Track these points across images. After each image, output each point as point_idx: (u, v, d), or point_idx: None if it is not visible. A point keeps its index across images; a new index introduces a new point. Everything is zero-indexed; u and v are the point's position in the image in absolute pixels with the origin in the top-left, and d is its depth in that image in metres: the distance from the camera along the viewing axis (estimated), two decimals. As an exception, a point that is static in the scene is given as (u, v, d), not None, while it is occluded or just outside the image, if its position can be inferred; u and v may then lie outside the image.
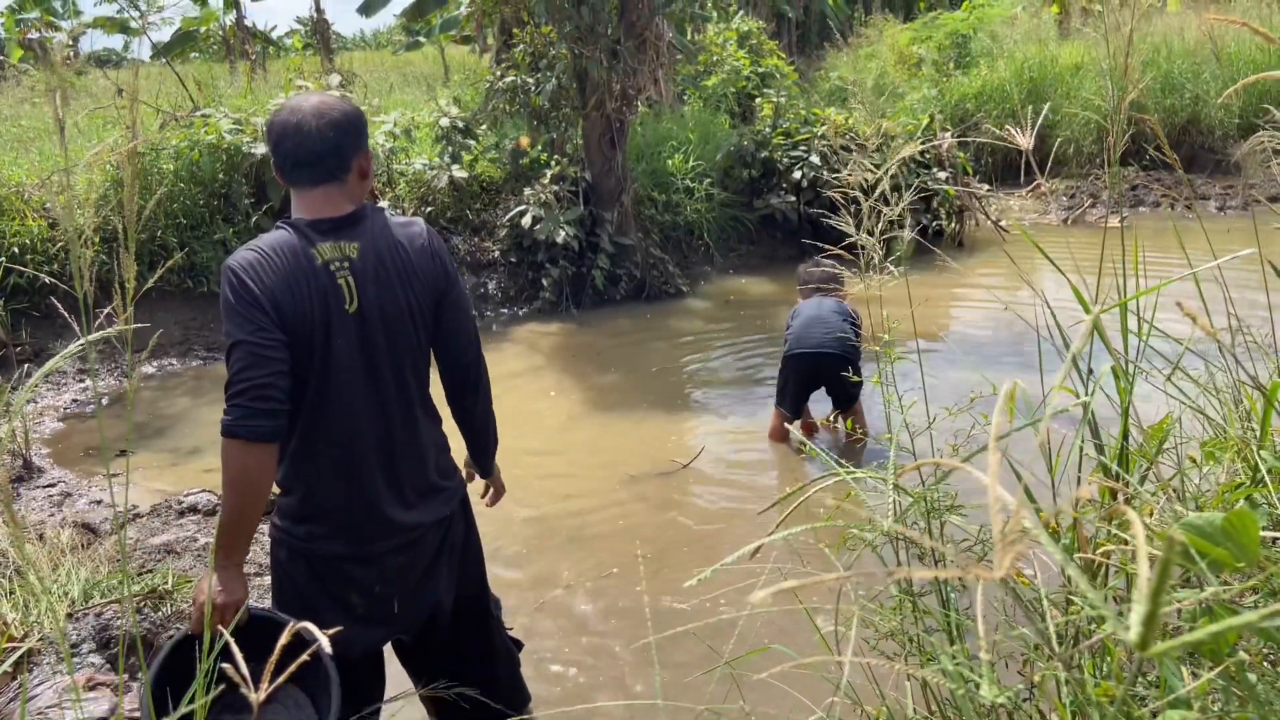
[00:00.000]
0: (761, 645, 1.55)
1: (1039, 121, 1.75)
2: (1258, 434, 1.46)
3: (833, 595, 1.60)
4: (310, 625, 0.83)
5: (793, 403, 5.07)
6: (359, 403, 2.13)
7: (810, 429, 5.31)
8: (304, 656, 0.89)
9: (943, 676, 0.86)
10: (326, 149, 2.09)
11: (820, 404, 5.28)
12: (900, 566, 1.54)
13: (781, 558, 1.52)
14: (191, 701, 1.26)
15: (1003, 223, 10.05)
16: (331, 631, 0.80)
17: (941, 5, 20.01)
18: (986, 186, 11.03)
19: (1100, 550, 1.23)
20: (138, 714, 2.85)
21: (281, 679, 0.85)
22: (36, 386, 6.74)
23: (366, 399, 2.14)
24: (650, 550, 4.18)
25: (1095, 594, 0.50)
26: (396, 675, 2.51)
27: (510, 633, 2.73)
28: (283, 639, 0.84)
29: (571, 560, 4.12)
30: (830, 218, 2.22)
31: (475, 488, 2.60)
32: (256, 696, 0.81)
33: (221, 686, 1.15)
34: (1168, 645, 0.44)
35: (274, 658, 0.85)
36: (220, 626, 2.01)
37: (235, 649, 0.87)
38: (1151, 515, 1.36)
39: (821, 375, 4.95)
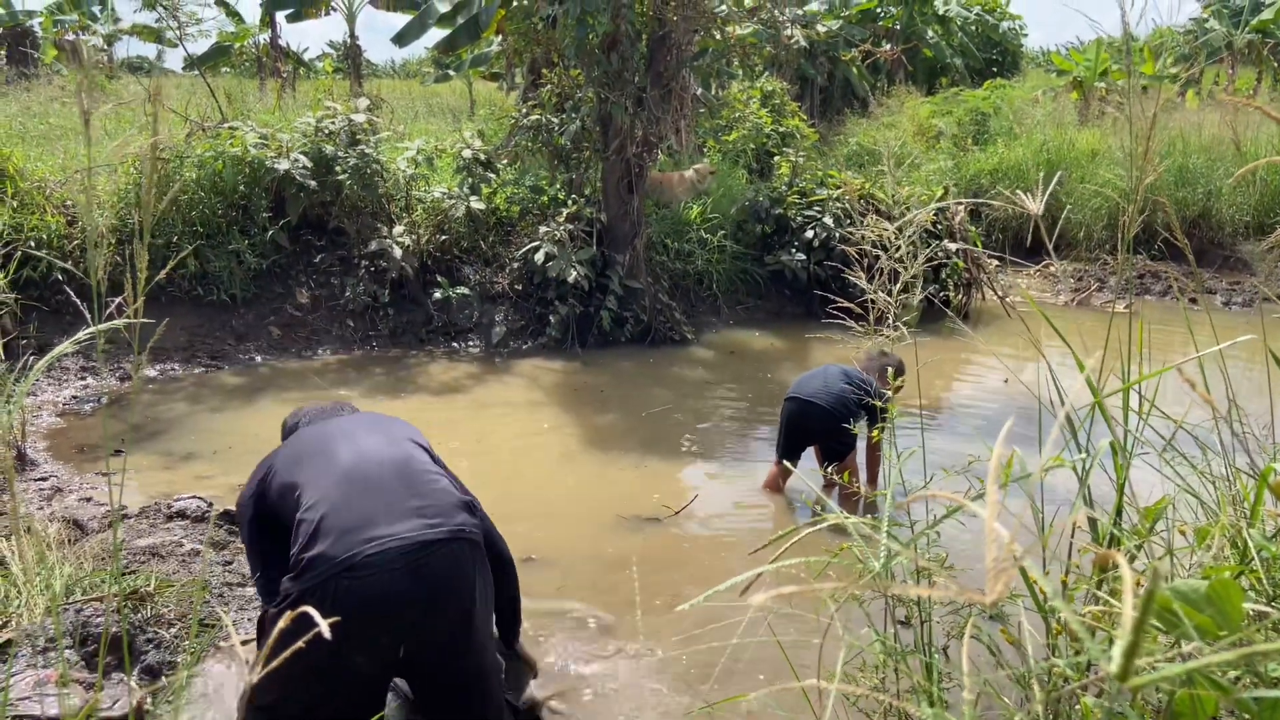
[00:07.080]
0: (743, 679, 1.56)
1: (1049, 188, 1.79)
2: (1248, 517, 1.48)
3: (825, 638, 1.61)
4: (311, 610, 0.86)
5: (784, 450, 5.10)
6: None
7: (828, 486, 5.15)
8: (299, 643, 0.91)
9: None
10: None
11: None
12: (898, 584, 1.55)
13: (770, 604, 1.53)
14: None
15: (1009, 298, 10.10)
16: (330, 620, 0.83)
17: (964, 82, 20.32)
18: (995, 262, 11.11)
19: (1087, 611, 1.25)
20: (111, 713, 2.83)
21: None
22: (37, 379, 6.75)
23: None
24: (633, 593, 4.16)
25: (1079, 623, 0.52)
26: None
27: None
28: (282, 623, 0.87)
29: (553, 600, 4.10)
30: (845, 273, 2.26)
31: None
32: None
33: None
34: (1147, 679, 0.46)
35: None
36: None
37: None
38: (1139, 585, 1.37)
39: (810, 427, 4.97)
